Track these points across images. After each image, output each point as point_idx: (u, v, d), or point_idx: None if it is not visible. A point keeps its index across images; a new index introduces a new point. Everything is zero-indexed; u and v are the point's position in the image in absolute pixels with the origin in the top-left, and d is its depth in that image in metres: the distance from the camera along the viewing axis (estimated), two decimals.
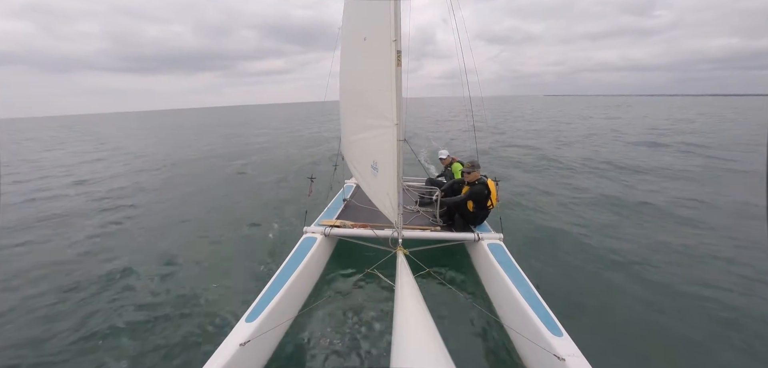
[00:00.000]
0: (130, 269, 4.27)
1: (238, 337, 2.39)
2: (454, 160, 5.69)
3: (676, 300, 3.53)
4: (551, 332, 2.45)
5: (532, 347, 2.51)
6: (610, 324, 3.19)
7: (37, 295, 3.78)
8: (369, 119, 3.57)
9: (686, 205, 6.42)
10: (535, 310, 2.68)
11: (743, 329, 3.08)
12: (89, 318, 3.35)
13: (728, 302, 3.46)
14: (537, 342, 2.45)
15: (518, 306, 2.82)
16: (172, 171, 11.12)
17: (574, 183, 8.25)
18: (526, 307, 2.73)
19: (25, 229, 5.97)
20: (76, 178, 10.66)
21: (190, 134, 25.35)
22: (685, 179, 8.40)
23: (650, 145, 13.90)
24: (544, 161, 11.10)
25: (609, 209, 6.24)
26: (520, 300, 2.83)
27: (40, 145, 22.12)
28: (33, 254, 4.94)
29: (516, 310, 2.85)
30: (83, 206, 7.45)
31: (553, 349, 2.31)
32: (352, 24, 3.76)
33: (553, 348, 2.31)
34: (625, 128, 20.42)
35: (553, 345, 2.34)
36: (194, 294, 3.69)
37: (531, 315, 2.64)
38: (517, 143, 15.49)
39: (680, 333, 3.06)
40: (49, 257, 4.82)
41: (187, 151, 16.08)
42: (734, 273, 3.98)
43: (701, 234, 5.11)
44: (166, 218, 6.39)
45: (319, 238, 3.87)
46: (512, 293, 2.95)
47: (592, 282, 3.88)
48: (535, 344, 2.46)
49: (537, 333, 2.51)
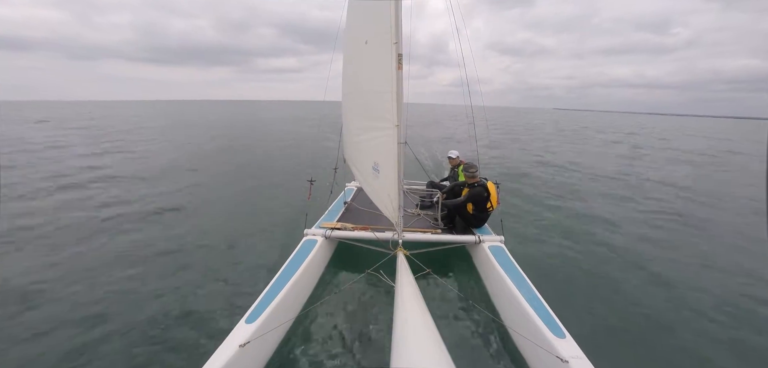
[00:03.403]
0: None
1: (238, 338, 2.37)
2: (463, 162, 5.67)
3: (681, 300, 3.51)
4: (554, 334, 2.43)
5: (534, 349, 2.48)
6: (613, 325, 3.16)
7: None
8: (370, 121, 3.59)
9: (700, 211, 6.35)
10: (537, 312, 2.66)
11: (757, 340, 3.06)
12: (89, 310, 3.35)
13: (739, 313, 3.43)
14: (540, 344, 2.43)
15: (520, 307, 2.80)
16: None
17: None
18: (529, 309, 2.71)
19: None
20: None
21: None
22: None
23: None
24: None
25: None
26: (522, 301, 2.82)
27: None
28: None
29: (518, 312, 2.83)
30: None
31: (555, 351, 2.29)
32: (355, 27, 3.80)
33: (556, 350, 2.29)
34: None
35: (556, 346, 2.32)
36: (195, 293, 3.69)
37: (533, 317, 2.62)
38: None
39: (682, 336, 3.04)
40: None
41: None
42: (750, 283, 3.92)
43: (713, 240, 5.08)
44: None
45: (320, 240, 3.87)
46: (514, 295, 2.93)
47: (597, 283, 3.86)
48: (538, 346, 2.43)
49: (539, 334, 2.48)
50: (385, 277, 3.46)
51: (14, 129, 20.89)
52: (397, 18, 3.03)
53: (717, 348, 2.98)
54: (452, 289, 3.49)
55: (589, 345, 2.33)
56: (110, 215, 6.04)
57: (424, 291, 2.47)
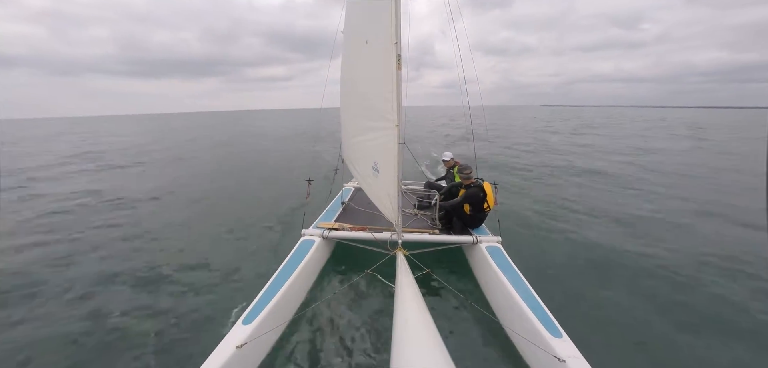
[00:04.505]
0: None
1: (235, 339, 2.36)
2: (457, 163, 5.69)
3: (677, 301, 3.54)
4: (551, 333, 2.45)
5: (532, 348, 2.50)
6: (610, 326, 3.19)
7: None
8: (370, 121, 3.59)
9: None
10: (534, 312, 2.68)
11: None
12: (91, 314, 3.29)
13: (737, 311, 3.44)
14: (537, 344, 2.45)
15: (517, 307, 2.82)
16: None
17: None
18: (526, 309, 2.73)
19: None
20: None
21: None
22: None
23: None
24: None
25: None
26: (519, 301, 2.83)
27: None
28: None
29: (515, 312, 2.85)
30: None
31: (553, 350, 2.31)
32: (354, 27, 3.80)
33: (553, 350, 2.31)
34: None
35: (553, 346, 2.34)
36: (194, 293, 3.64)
37: (530, 317, 2.64)
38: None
39: (680, 335, 3.07)
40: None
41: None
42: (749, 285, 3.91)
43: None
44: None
45: (318, 241, 3.85)
46: (511, 295, 2.95)
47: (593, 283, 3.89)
48: (535, 345, 2.45)
49: (537, 334, 2.50)
50: (383, 277, 3.45)
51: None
52: (397, 18, 3.04)
53: (717, 347, 2.97)
54: (450, 289, 3.50)
55: (586, 345, 2.34)
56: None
57: (423, 291, 2.46)
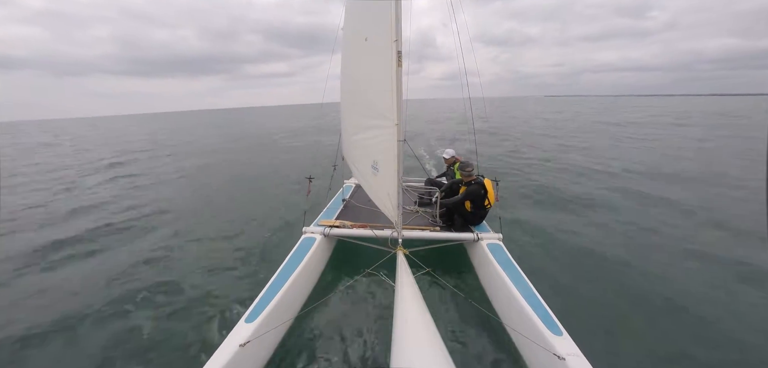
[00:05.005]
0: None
1: (238, 338, 2.38)
2: (458, 160, 5.66)
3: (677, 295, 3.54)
4: (551, 331, 2.46)
5: (532, 346, 2.51)
6: (611, 325, 3.19)
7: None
8: (370, 119, 3.57)
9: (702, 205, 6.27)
10: (534, 310, 2.69)
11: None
12: (99, 312, 3.34)
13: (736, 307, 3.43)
14: (537, 342, 2.46)
15: (518, 305, 2.83)
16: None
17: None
18: (526, 306, 2.74)
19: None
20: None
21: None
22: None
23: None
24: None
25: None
26: (519, 299, 2.84)
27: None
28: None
29: (516, 310, 2.86)
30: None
31: (552, 348, 2.31)
32: (354, 25, 3.76)
33: (553, 347, 2.32)
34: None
35: (553, 344, 2.34)
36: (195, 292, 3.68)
37: (530, 315, 2.65)
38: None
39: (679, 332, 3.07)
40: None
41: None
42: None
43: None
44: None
45: (319, 238, 3.86)
46: (512, 292, 2.96)
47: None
48: (535, 343, 2.46)
49: (537, 332, 2.51)
50: (384, 275, 3.47)
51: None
52: (397, 16, 3.01)
53: (716, 346, 2.97)
54: (450, 287, 3.51)
55: (586, 343, 2.35)
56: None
57: (423, 289, 2.48)
